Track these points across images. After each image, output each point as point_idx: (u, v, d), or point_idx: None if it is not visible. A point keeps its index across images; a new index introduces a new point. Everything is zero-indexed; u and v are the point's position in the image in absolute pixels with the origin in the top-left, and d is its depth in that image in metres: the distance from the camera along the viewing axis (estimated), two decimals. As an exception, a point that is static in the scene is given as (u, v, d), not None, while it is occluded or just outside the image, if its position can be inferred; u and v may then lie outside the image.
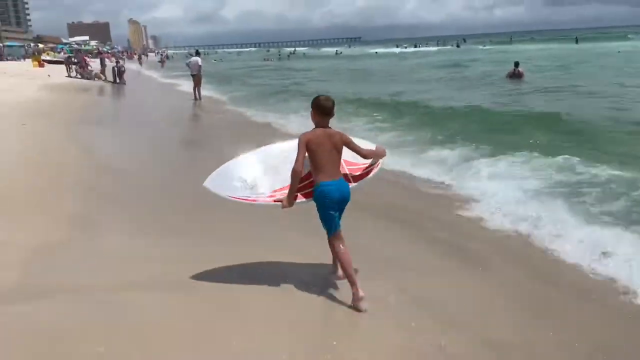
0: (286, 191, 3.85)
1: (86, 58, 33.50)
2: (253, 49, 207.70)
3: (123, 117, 16.20)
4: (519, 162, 7.79)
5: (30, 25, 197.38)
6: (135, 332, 3.08)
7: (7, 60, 47.76)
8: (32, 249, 4.25)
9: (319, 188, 3.79)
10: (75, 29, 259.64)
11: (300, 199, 3.89)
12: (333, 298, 3.75)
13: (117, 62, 30.00)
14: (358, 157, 4.03)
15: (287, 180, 3.83)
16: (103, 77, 28.69)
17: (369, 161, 4.11)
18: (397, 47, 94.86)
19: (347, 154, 3.96)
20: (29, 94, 18.09)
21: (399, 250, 4.87)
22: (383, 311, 3.58)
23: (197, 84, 19.21)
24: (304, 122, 12.30)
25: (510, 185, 6.64)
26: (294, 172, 3.76)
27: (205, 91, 20.29)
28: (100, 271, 3.99)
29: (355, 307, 3.65)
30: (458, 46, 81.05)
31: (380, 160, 4.16)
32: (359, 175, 4.11)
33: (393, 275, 4.19)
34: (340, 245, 3.81)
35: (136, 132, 11.77)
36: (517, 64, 21.09)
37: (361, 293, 3.65)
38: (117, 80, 27.50)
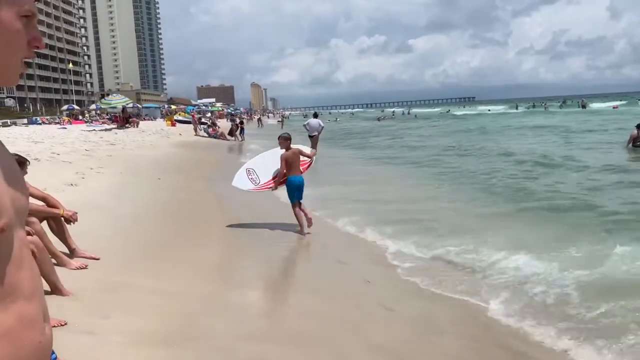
0: (272, 182, 7.89)
1: (213, 118, 36.74)
2: (363, 109, 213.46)
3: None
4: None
5: (165, 89, 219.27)
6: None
7: (145, 119, 53.01)
8: (175, 296, 4.58)
9: (289, 179, 7.63)
10: (204, 91, 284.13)
11: (281, 185, 7.78)
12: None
13: (241, 122, 33.20)
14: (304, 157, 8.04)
15: (271, 175, 7.88)
16: (229, 138, 30.94)
17: (308, 159, 8.17)
18: (517, 108, 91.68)
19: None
20: (163, 151, 19.87)
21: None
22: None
23: (314, 144, 20.20)
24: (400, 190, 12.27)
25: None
26: (281, 173, 7.72)
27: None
28: (233, 322, 4.19)
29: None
30: (583, 107, 74.86)
31: (314, 158, 8.43)
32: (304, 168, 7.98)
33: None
34: (297, 209, 7.51)
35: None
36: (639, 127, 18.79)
37: (306, 230, 7.42)
38: (240, 139, 29.96)
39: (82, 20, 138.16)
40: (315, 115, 21.93)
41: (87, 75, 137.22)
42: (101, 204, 8.34)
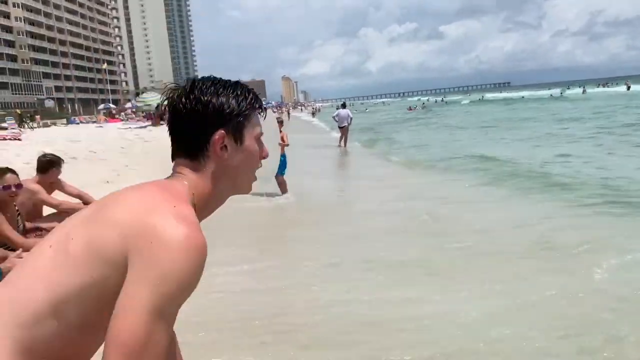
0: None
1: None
2: (397, 99, 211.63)
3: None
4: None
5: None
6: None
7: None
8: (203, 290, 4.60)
9: (285, 156, 9.50)
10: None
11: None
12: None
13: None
14: None
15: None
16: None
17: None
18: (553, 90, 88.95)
19: None
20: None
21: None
22: None
23: (343, 135, 20.22)
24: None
25: None
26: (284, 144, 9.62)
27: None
28: (261, 315, 4.20)
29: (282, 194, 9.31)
30: (628, 88, 72.52)
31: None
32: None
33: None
34: (279, 178, 9.35)
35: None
36: None
37: (283, 193, 9.32)
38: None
39: (115, 21, 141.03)
40: (344, 106, 21.63)
41: (122, 74, 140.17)
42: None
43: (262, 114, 1.39)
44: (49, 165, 5.26)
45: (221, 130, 1.28)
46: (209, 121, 1.28)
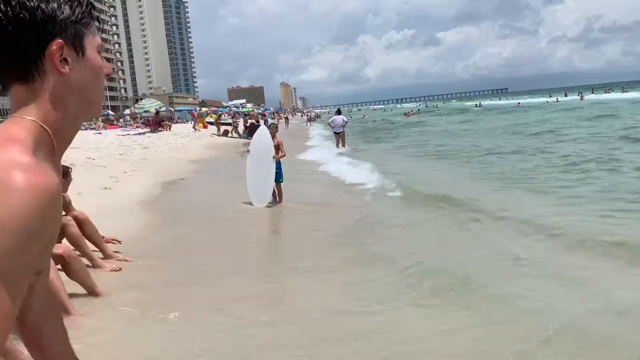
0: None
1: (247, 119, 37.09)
2: (395, 104, 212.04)
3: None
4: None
5: (197, 91, 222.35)
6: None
7: (178, 122, 53.60)
8: (204, 293, 4.62)
9: (279, 162, 9.23)
10: (234, 93, 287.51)
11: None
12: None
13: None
14: None
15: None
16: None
17: None
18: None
19: None
20: (194, 153, 20.14)
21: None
22: None
23: (341, 139, 20.73)
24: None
25: None
26: (281, 153, 9.31)
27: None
28: (257, 312, 4.20)
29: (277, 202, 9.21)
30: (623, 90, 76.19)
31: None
32: None
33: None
34: (274, 188, 9.06)
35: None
36: None
37: (278, 201, 9.20)
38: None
39: (114, 27, 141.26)
40: (339, 112, 22.05)
41: (121, 81, 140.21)
42: (134, 207, 8.49)
43: (99, 24, 1.17)
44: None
45: (58, 40, 1.06)
46: (40, 31, 1.04)
